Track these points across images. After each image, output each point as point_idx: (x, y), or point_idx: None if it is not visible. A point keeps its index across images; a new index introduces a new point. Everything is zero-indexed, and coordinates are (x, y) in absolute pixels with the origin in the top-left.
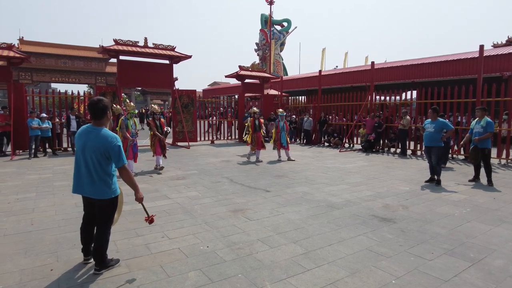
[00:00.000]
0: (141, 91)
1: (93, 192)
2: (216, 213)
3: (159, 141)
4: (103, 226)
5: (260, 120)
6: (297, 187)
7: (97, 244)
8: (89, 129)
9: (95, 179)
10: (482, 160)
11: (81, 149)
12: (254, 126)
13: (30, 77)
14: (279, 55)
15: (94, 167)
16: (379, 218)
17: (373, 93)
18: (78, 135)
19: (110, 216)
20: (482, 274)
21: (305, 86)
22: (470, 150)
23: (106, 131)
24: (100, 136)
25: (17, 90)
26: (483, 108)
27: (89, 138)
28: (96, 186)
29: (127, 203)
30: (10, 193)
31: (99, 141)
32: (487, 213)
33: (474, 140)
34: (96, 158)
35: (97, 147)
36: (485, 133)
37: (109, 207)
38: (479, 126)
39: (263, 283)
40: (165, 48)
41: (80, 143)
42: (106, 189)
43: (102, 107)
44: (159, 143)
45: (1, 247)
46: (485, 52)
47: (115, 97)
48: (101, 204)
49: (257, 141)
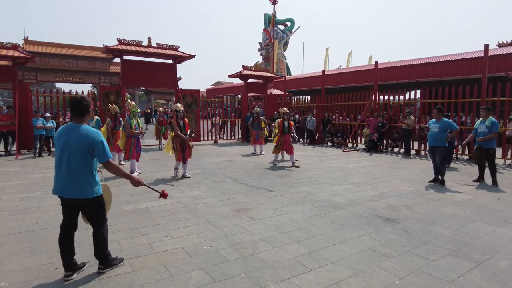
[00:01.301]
0: (145, 91)
1: (77, 192)
2: (219, 213)
3: (181, 144)
4: (97, 224)
5: (290, 122)
6: (300, 187)
7: (96, 242)
8: (70, 127)
9: (78, 179)
10: (487, 160)
11: (62, 149)
12: (282, 127)
13: (34, 77)
14: (282, 54)
15: (77, 165)
16: (382, 218)
17: (377, 92)
18: (59, 135)
19: (101, 214)
20: (487, 275)
21: (309, 85)
22: (474, 150)
23: (87, 127)
24: (83, 133)
25: (22, 90)
26: (488, 107)
27: (71, 136)
28: (79, 185)
29: (130, 202)
30: (15, 192)
31: (82, 138)
32: (491, 214)
33: (479, 140)
34: (80, 155)
35: (81, 144)
36: (489, 133)
37: (95, 206)
38: (483, 126)
39: (266, 283)
40: (169, 47)
41: (62, 142)
42: (90, 188)
43: (85, 105)
44: (180, 147)
45: (6, 246)
46: (490, 52)
47: (118, 97)
48: (86, 204)
49: (283, 144)
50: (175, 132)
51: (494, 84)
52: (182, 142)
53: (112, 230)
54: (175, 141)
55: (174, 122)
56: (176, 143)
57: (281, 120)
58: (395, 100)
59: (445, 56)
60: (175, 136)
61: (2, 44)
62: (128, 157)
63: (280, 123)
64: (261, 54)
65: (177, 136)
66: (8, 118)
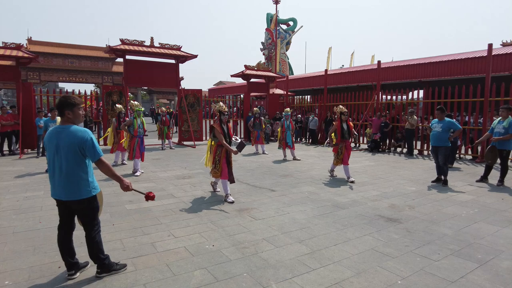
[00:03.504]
0: (148, 91)
1: (74, 194)
2: (221, 212)
3: (226, 156)
4: (89, 226)
5: (349, 124)
6: (303, 186)
7: (88, 246)
8: (59, 129)
9: (73, 180)
10: (500, 160)
11: (54, 151)
12: (341, 131)
13: (38, 76)
14: (284, 54)
15: (70, 167)
16: (385, 218)
17: (380, 92)
18: (48, 138)
19: (93, 217)
20: (490, 276)
21: (311, 85)
22: (487, 151)
23: (76, 127)
24: (72, 133)
25: (25, 90)
26: (509, 107)
27: (60, 138)
28: (75, 186)
29: (133, 201)
30: (19, 191)
31: (72, 138)
32: (495, 214)
33: (493, 140)
34: (72, 156)
35: (72, 144)
36: (506, 134)
37: (89, 208)
38: (501, 126)
39: (268, 282)
40: (171, 47)
41: (52, 145)
42: (84, 188)
43: (71, 103)
44: (226, 160)
45: (10, 244)
46: (493, 51)
47: (121, 96)
48: (81, 206)
49: (344, 153)
50: (219, 141)
51: (498, 83)
52: (228, 155)
53: (115, 229)
54: (219, 152)
55: (217, 128)
56: (220, 155)
57: (338, 122)
58: (397, 100)
59: (448, 56)
60: (218, 146)
61: (6, 44)
62: (132, 156)
63: (337, 126)
64: (263, 53)
65: (220, 145)
66: (12, 118)
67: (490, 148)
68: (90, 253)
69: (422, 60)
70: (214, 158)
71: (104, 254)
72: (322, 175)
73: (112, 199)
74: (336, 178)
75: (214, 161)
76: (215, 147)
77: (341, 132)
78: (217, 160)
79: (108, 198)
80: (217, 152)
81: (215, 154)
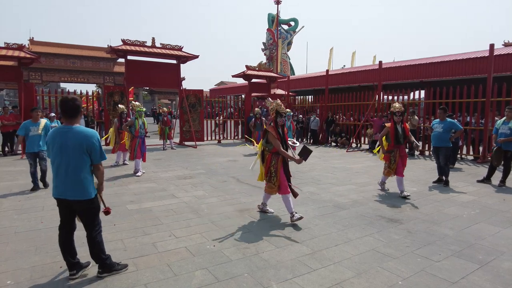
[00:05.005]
0: (149, 91)
1: (80, 193)
2: (222, 212)
3: (283, 165)
4: (90, 226)
5: (405, 126)
6: (304, 187)
7: (90, 246)
8: (64, 129)
9: (79, 180)
10: (504, 161)
11: (58, 151)
12: (395, 134)
13: (40, 77)
14: (286, 54)
15: (77, 166)
16: (386, 218)
17: (381, 92)
18: (52, 137)
19: (94, 217)
20: (491, 277)
21: (312, 85)
22: (493, 152)
23: (82, 127)
24: (79, 134)
25: (27, 90)
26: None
27: (67, 138)
28: (82, 186)
29: (134, 202)
30: (20, 191)
31: (81, 138)
32: (496, 215)
33: (498, 141)
34: (79, 156)
35: (79, 144)
36: (511, 135)
37: (91, 208)
38: (506, 127)
39: (269, 282)
40: (173, 48)
41: (57, 144)
42: (90, 188)
43: (78, 105)
44: (283, 169)
45: (12, 244)
46: (495, 51)
47: (123, 97)
48: (84, 206)
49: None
50: (275, 147)
51: (500, 84)
52: (285, 164)
53: (116, 230)
54: (274, 162)
55: (272, 132)
56: (276, 165)
57: (392, 124)
58: (399, 100)
59: (449, 56)
60: (272, 154)
61: (8, 45)
62: (133, 157)
63: (390, 128)
64: (264, 54)
65: (277, 152)
66: (14, 118)
67: (496, 149)
68: (91, 253)
69: (423, 60)
70: (269, 169)
71: (105, 254)
72: (323, 176)
73: (114, 199)
74: (337, 178)
75: (269, 173)
76: (269, 156)
77: (395, 135)
78: (272, 172)
79: (109, 198)
80: (272, 162)
81: (269, 165)
